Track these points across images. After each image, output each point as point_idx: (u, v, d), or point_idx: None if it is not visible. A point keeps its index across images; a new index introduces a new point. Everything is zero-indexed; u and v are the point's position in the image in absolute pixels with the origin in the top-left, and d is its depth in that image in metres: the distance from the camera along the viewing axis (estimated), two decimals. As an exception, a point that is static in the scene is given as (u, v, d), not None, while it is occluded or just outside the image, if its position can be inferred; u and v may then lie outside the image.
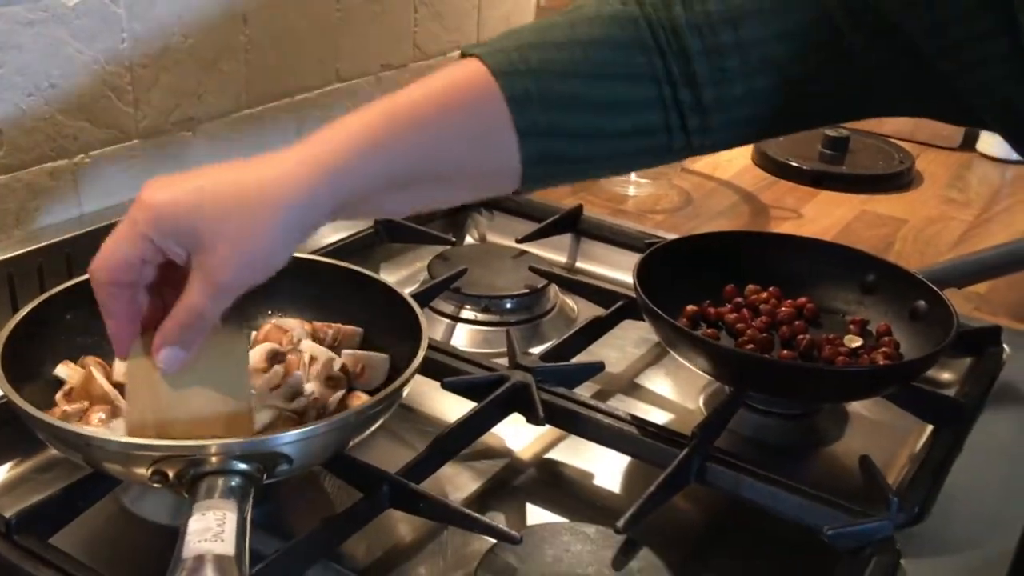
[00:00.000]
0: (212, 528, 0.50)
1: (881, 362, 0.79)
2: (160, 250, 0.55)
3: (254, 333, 0.77)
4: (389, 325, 0.76)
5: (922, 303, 0.84)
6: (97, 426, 0.66)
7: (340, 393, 0.72)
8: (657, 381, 0.89)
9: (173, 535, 0.66)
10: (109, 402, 0.68)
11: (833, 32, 0.61)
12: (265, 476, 0.59)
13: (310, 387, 0.72)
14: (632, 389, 0.88)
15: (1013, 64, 0.56)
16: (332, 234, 1.06)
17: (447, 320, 0.94)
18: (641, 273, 0.83)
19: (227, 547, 0.49)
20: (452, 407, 0.78)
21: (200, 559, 0.48)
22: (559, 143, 0.61)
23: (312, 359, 0.73)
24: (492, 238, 1.15)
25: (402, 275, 1.03)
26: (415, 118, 0.58)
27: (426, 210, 1.00)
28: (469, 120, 0.59)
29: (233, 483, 0.56)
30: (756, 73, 0.62)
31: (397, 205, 0.62)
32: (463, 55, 0.61)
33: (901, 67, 0.60)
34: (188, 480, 0.57)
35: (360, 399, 0.71)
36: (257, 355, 0.72)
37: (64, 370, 0.71)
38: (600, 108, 0.61)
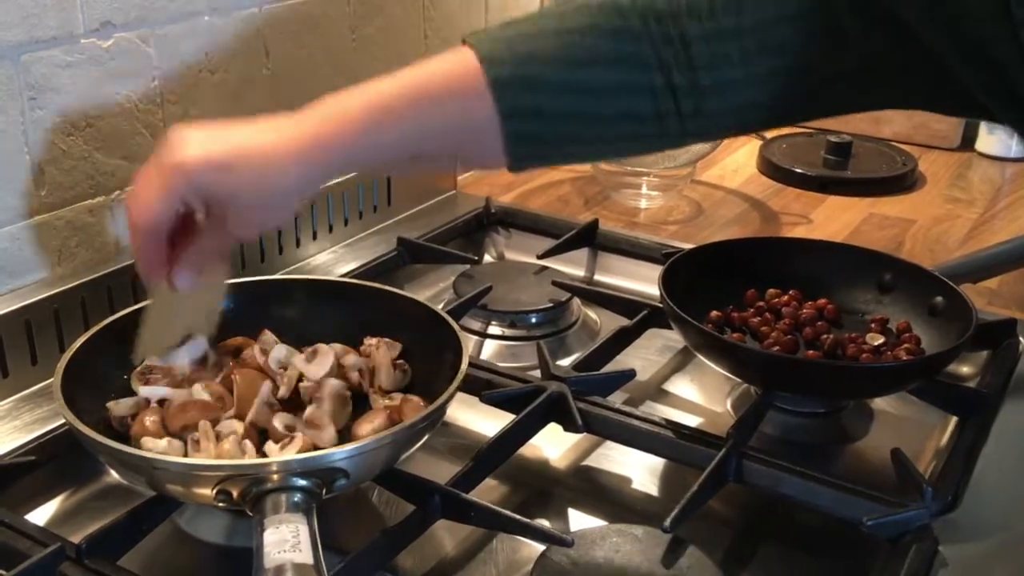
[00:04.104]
0: (288, 539, 0.52)
1: (905, 358, 0.82)
2: (186, 203, 0.62)
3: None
4: (423, 343, 0.78)
5: (940, 299, 0.87)
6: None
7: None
8: (683, 387, 0.91)
9: (227, 554, 0.69)
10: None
11: (832, 18, 0.63)
12: (324, 491, 0.61)
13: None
14: (660, 395, 0.90)
15: (1014, 49, 0.58)
16: (356, 258, 1.08)
17: (476, 336, 0.96)
18: (666, 282, 0.85)
19: (306, 556, 0.51)
20: (483, 421, 0.80)
21: (281, 569, 0.50)
22: (539, 124, 0.65)
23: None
24: (510, 255, 1.17)
25: (426, 295, 1.05)
26: (402, 104, 0.63)
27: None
28: (453, 103, 0.64)
29: (296, 499, 0.58)
30: (755, 58, 0.64)
31: (393, 172, 0.72)
32: (463, 43, 0.65)
33: (899, 55, 0.62)
34: (252, 498, 0.59)
35: (411, 402, 0.73)
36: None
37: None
38: (584, 92, 0.64)
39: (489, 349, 0.96)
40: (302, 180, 0.63)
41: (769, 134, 1.50)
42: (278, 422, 0.69)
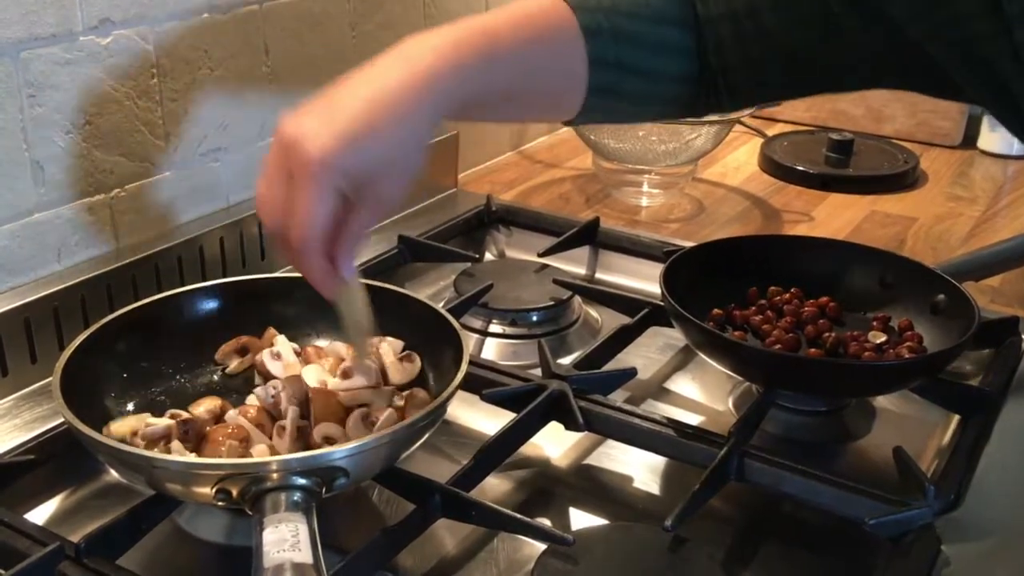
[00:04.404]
0: (287, 539, 0.52)
1: (907, 356, 0.81)
2: (343, 196, 0.57)
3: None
4: (424, 341, 0.78)
5: (942, 297, 0.86)
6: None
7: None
8: (685, 385, 0.91)
9: (227, 553, 0.69)
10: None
11: (825, 8, 0.64)
12: (324, 490, 0.60)
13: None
14: (662, 394, 0.89)
15: (999, 43, 0.58)
16: (356, 256, 1.08)
17: (476, 335, 0.96)
18: (667, 280, 0.85)
19: (305, 556, 0.51)
20: (484, 419, 0.80)
21: (280, 568, 0.50)
22: (621, 76, 0.68)
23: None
24: (511, 253, 1.17)
25: (427, 293, 1.05)
26: (507, 34, 0.63)
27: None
28: (546, 47, 0.65)
29: (295, 497, 0.58)
30: (750, 42, 0.67)
31: (488, 114, 0.71)
32: None
33: (893, 47, 0.64)
34: (251, 497, 0.58)
35: (417, 396, 0.73)
36: None
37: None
38: (659, 49, 0.68)
39: (490, 347, 0.96)
40: (433, 118, 0.60)
41: (770, 132, 1.50)
42: (318, 433, 0.69)
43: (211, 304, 0.80)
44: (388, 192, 0.59)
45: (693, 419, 0.84)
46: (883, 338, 0.85)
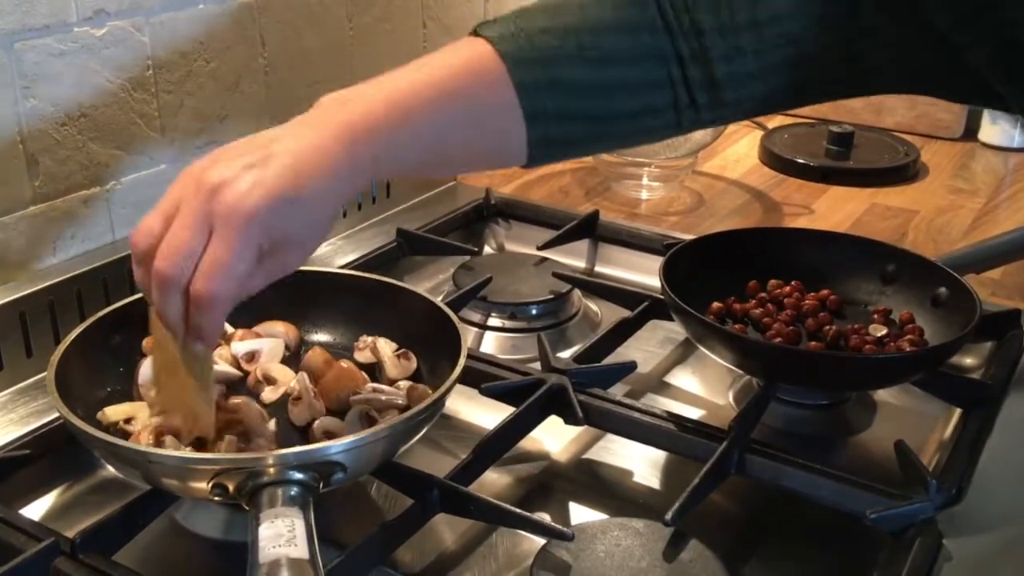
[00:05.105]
0: (284, 534, 0.51)
1: (908, 349, 0.81)
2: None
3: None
4: (423, 335, 0.78)
5: (943, 290, 0.86)
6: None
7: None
8: (685, 379, 0.90)
9: (225, 549, 0.69)
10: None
11: (852, 9, 0.62)
12: (322, 485, 0.60)
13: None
14: (662, 387, 0.89)
15: None
16: (355, 249, 1.07)
17: (475, 328, 0.96)
18: (667, 273, 0.84)
19: (301, 551, 0.50)
20: (483, 413, 0.80)
21: (276, 564, 0.49)
22: (565, 126, 0.64)
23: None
24: (510, 247, 1.16)
25: (426, 286, 1.05)
26: (421, 102, 0.59)
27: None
28: (478, 105, 0.61)
29: (292, 492, 0.58)
30: (770, 50, 0.64)
31: (420, 174, 0.66)
32: (473, 33, 0.63)
33: (916, 45, 0.62)
34: (248, 492, 0.58)
35: (418, 389, 0.73)
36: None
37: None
38: (608, 92, 0.63)
39: (489, 341, 0.95)
40: (355, 186, 0.57)
41: (771, 124, 1.49)
42: (319, 428, 0.69)
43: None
44: (296, 258, 0.57)
45: (693, 413, 0.83)
46: (884, 331, 0.85)
